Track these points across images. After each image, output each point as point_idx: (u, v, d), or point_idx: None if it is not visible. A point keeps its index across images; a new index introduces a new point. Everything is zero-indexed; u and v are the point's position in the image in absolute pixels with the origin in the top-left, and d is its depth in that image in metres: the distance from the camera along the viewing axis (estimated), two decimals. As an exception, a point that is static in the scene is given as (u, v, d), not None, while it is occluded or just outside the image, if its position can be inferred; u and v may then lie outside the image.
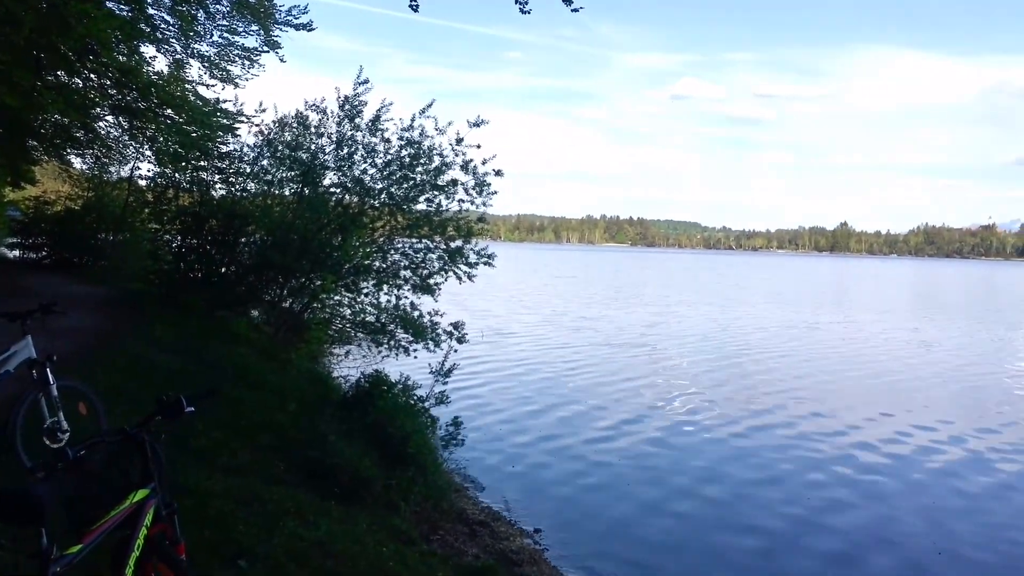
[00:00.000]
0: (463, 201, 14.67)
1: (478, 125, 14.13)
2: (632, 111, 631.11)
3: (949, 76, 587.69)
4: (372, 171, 14.84)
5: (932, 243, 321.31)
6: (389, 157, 14.65)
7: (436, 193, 14.64)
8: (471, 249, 14.70)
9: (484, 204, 14.77)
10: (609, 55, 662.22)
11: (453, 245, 14.60)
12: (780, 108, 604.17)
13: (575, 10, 9.49)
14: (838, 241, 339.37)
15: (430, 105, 14.59)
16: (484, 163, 14.29)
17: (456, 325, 14.30)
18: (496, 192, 14.57)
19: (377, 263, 14.83)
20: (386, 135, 14.68)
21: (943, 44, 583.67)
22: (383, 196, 14.80)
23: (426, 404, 10.97)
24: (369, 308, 14.94)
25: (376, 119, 14.68)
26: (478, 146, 14.25)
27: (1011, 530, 10.16)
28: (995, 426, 15.71)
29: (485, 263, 14.84)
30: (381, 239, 15.12)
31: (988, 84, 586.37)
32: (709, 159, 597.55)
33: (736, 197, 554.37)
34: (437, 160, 14.51)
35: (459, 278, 14.79)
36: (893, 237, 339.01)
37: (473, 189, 14.52)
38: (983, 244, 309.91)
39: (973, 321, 39.62)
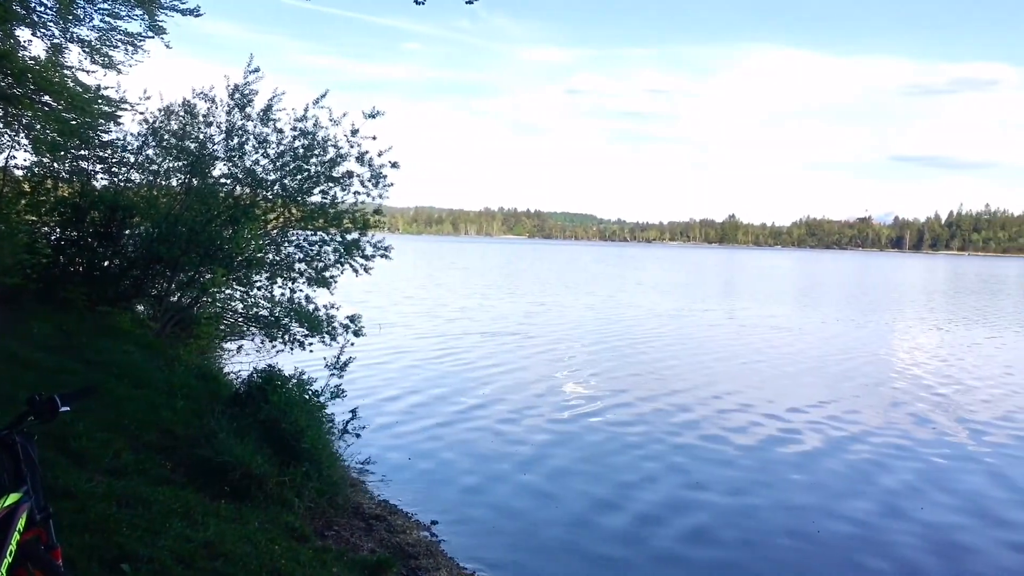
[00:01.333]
0: (359, 193, 14.51)
1: (374, 116, 13.97)
2: (529, 104, 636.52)
3: (830, 75, 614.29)
4: (264, 162, 14.51)
5: (814, 235, 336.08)
6: (282, 148, 14.36)
7: (331, 185, 14.42)
8: (367, 241, 14.56)
9: (380, 196, 14.65)
10: (506, 48, 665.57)
11: (349, 237, 14.42)
12: (674, 103, 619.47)
13: (469, 2, 9.52)
14: (727, 233, 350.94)
15: (324, 95, 14.36)
16: (380, 155, 14.17)
17: (352, 318, 14.17)
18: (392, 184, 14.46)
19: (270, 256, 14.53)
20: (279, 125, 14.39)
21: (825, 44, 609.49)
22: (276, 188, 14.50)
23: (322, 398, 10.83)
24: (262, 302, 14.64)
25: (268, 108, 14.36)
26: (374, 137, 14.11)
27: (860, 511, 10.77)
28: (848, 409, 16.57)
29: (382, 255, 14.72)
30: (274, 231, 14.81)
31: (865, 84, 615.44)
32: (605, 153, 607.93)
33: (631, 190, 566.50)
34: (332, 151, 14.30)
35: (355, 271, 14.63)
36: (778, 229, 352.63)
37: (369, 181, 14.37)
38: (860, 236, 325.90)
39: (846, 309, 41.66)
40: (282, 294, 14.46)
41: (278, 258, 14.64)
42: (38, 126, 15.23)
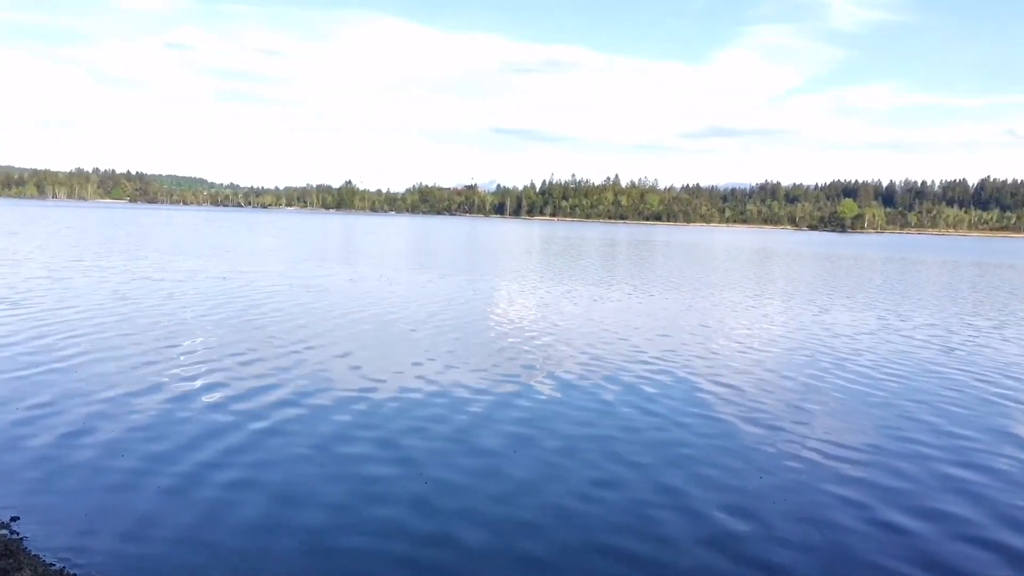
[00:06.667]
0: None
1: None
2: (126, 57, 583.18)
3: (436, 48, 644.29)
4: None
5: (426, 201, 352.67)
6: None
7: None
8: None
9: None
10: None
11: None
12: (288, 66, 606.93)
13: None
14: (344, 199, 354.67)
15: None
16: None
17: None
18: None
19: None
20: None
21: (430, 18, 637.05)
22: None
23: None
24: None
25: None
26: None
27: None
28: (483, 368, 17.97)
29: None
30: None
31: (469, 59, 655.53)
32: (214, 113, 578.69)
33: (245, 153, 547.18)
34: None
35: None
36: (393, 195, 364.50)
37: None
38: (468, 202, 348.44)
39: (454, 273, 44.63)
40: None
41: None
42: None
